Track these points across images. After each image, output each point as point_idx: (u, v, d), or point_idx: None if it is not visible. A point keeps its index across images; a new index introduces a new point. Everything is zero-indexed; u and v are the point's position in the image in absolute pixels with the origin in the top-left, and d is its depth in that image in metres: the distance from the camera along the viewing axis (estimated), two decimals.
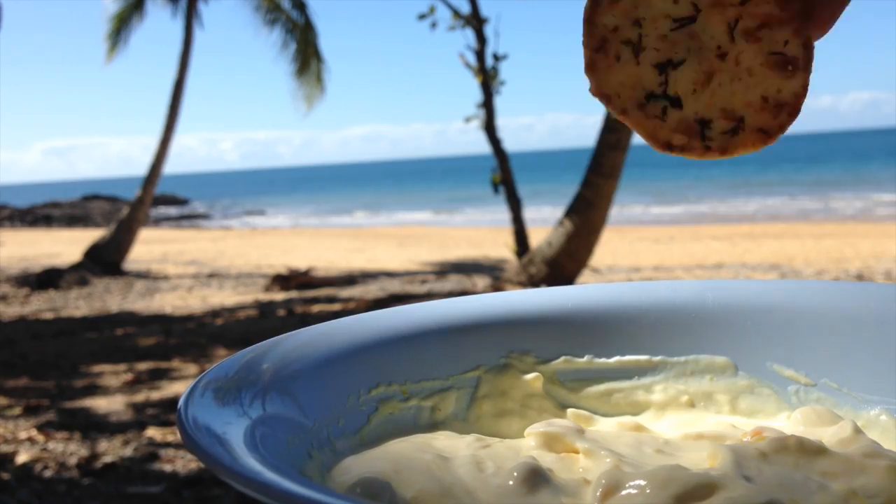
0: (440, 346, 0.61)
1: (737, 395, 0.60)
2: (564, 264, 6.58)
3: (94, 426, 3.59)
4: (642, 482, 0.41)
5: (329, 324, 0.59)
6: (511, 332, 0.63)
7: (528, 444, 0.51)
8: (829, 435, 0.49)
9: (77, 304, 7.62)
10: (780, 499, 0.39)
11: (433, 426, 0.58)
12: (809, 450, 0.45)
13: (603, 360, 0.63)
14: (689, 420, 0.60)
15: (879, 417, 0.55)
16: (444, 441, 0.52)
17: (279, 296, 7.58)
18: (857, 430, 0.49)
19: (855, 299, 0.59)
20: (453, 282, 7.95)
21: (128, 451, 3.20)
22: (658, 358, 0.62)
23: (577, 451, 0.49)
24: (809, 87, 0.44)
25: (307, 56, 11.91)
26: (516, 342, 0.63)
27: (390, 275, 8.85)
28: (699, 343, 0.62)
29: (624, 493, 0.41)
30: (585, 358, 0.63)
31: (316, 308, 6.68)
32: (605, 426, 0.59)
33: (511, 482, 0.44)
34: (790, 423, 0.55)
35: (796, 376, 0.59)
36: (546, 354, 0.63)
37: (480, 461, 0.47)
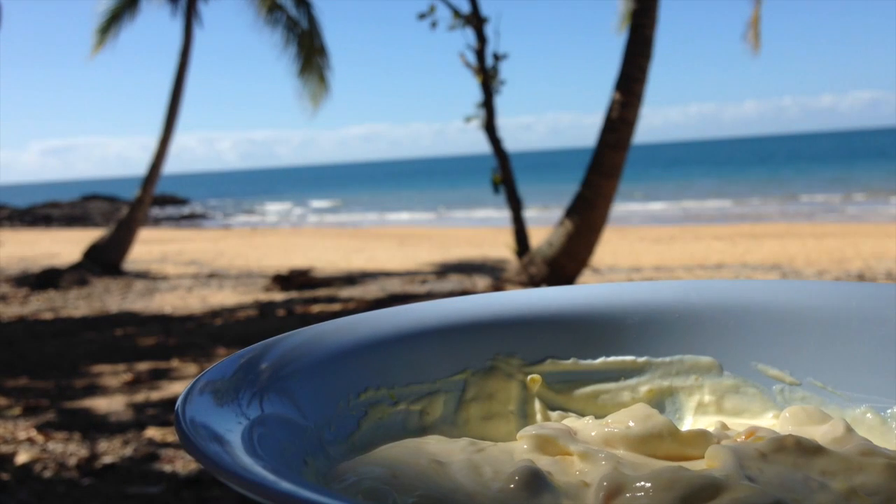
0: (427, 348, 0.60)
1: (722, 395, 0.60)
2: (565, 264, 6.58)
3: (93, 426, 3.58)
4: (646, 484, 0.41)
5: (321, 325, 0.59)
6: (496, 334, 0.62)
7: (520, 448, 0.51)
8: (821, 434, 0.49)
9: (77, 304, 7.61)
10: (784, 499, 0.39)
11: (422, 430, 0.57)
12: (807, 449, 0.45)
13: (588, 361, 0.62)
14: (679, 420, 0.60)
15: (865, 415, 0.55)
16: (437, 445, 0.51)
17: (279, 296, 7.57)
18: (849, 429, 0.49)
19: (837, 298, 0.59)
20: (453, 282, 7.94)
21: (128, 452, 3.20)
22: (643, 359, 0.62)
23: (570, 454, 0.49)
24: (810, 87, 0.42)
25: (310, 53, 11.87)
26: (502, 344, 0.62)
27: (390, 275, 8.85)
28: (684, 343, 0.62)
29: (628, 495, 0.41)
30: (570, 360, 0.62)
31: (316, 308, 6.68)
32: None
33: (512, 486, 0.43)
34: (779, 422, 0.55)
35: (781, 375, 0.59)
36: (531, 357, 0.62)
37: (477, 465, 0.47)
